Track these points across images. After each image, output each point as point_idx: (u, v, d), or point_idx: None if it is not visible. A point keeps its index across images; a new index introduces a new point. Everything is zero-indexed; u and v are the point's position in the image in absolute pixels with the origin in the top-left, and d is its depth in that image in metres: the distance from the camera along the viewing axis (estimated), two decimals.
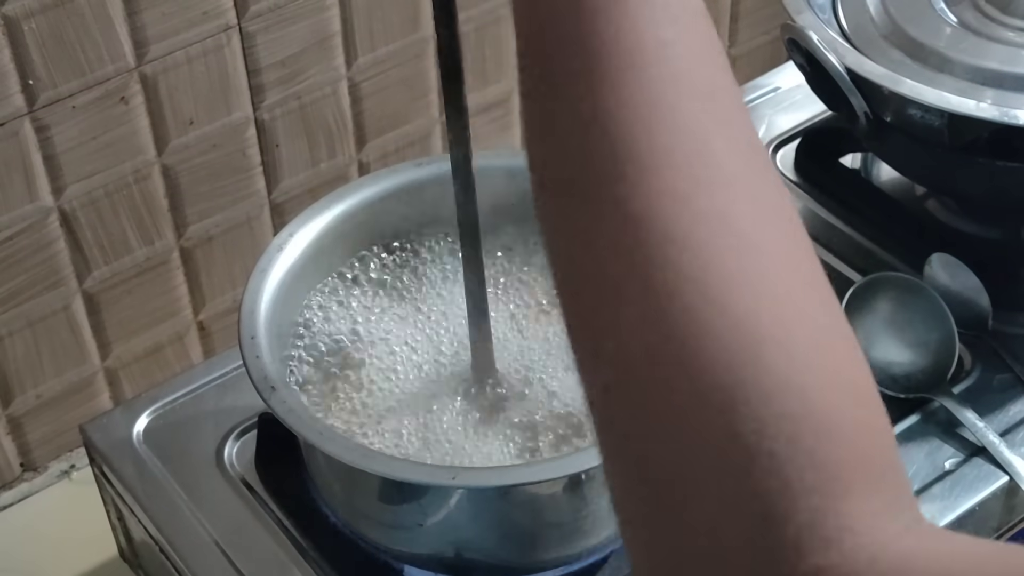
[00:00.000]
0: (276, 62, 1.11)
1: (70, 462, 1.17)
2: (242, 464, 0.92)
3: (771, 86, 1.20)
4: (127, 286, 1.13)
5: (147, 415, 0.95)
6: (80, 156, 1.04)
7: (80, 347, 1.13)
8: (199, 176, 1.11)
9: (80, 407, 1.15)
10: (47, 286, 1.08)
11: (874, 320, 0.95)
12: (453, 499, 0.78)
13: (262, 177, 1.15)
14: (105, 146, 1.05)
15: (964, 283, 0.97)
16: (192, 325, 1.18)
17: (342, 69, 1.15)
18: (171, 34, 1.04)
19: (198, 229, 1.14)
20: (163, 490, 0.91)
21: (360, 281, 0.91)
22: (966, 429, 0.91)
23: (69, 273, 1.09)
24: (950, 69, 0.96)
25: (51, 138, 1.02)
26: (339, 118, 1.17)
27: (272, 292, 0.84)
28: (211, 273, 1.17)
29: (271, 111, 1.12)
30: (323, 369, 0.86)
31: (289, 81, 1.12)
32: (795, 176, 1.12)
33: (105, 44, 1.01)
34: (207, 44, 1.06)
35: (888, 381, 0.93)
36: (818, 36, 0.96)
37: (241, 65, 1.09)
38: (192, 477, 0.92)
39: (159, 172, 1.09)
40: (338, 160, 1.19)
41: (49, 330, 1.10)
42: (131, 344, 1.15)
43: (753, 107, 1.18)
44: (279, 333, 0.84)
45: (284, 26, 1.09)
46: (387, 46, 1.16)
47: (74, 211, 1.06)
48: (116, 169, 1.07)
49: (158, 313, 1.16)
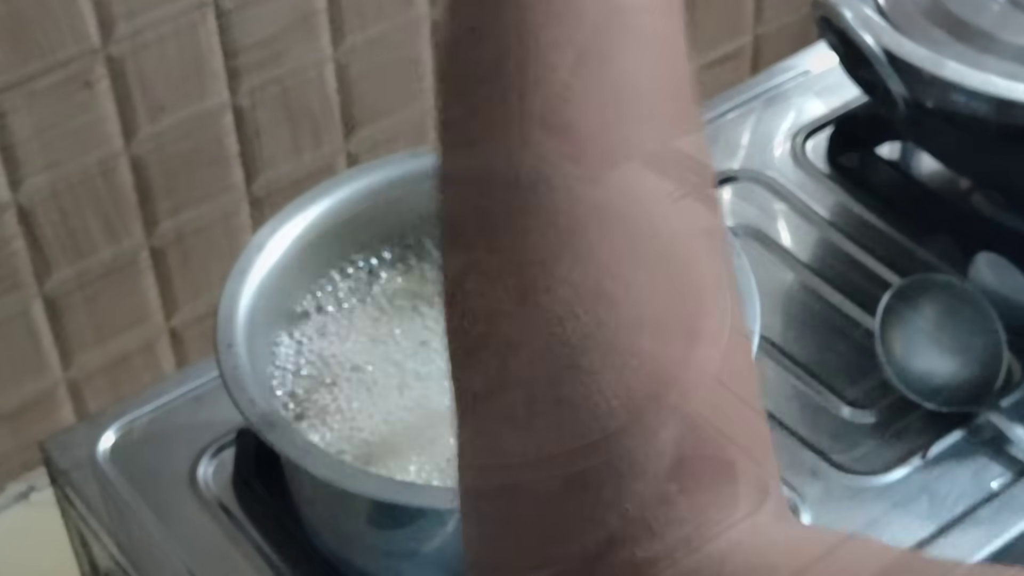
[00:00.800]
0: (255, 42, 1.11)
1: (29, 483, 1.17)
2: (218, 485, 0.92)
3: (800, 69, 1.20)
4: (91, 289, 1.13)
5: (114, 431, 0.96)
6: (40, 146, 1.04)
7: (39, 356, 1.13)
8: (171, 168, 1.12)
9: (40, 422, 1.15)
10: (3, 289, 1.08)
11: (914, 327, 0.95)
12: (451, 524, 0.79)
13: (240, 169, 1.15)
14: (67, 135, 1.05)
15: (1013, 285, 0.97)
16: (163, 332, 1.19)
17: (328, 50, 1.15)
18: (140, 11, 1.04)
19: (170, 226, 1.14)
20: (131, 513, 0.91)
21: (350, 283, 0.91)
22: (1015, 446, 0.91)
23: (27, 274, 1.09)
24: (997, 50, 0.96)
25: (8, 126, 1.02)
26: (325, 104, 1.17)
27: (251, 296, 0.84)
28: (184, 275, 1.17)
29: (250, 96, 1.13)
30: (308, 381, 0.86)
31: (269, 63, 1.12)
32: (827, 168, 1.12)
33: (67, 22, 1.01)
34: (180, 23, 1.06)
35: (929, 393, 0.93)
36: (852, 13, 0.96)
37: (217, 46, 1.09)
38: (163, 499, 0.92)
39: (127, 163, 1.09)
40: (324, 150, 1.20)
41: (5, 337, 1.10)
42: (96, 353, 1.16)
43: (781, 92, 1.18)
44: (260, 341, 0.84)
45: (264, 3, 1.10)
46: (378, 25, 1.16)
47: (33, 206, 1.06)
48: (79, 160, 1.07)
49: (126, 318, 1.16)
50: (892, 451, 0.93)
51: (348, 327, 0.89)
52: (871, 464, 0.92)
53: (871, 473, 0.92)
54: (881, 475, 0.92)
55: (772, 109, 1.17)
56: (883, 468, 0.92)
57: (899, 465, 0.92)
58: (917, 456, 0.93)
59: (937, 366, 0.95)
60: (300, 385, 0.86)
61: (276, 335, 0.88)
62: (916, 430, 0.93)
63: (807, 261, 1.05)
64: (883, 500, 0.90)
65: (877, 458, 0.93)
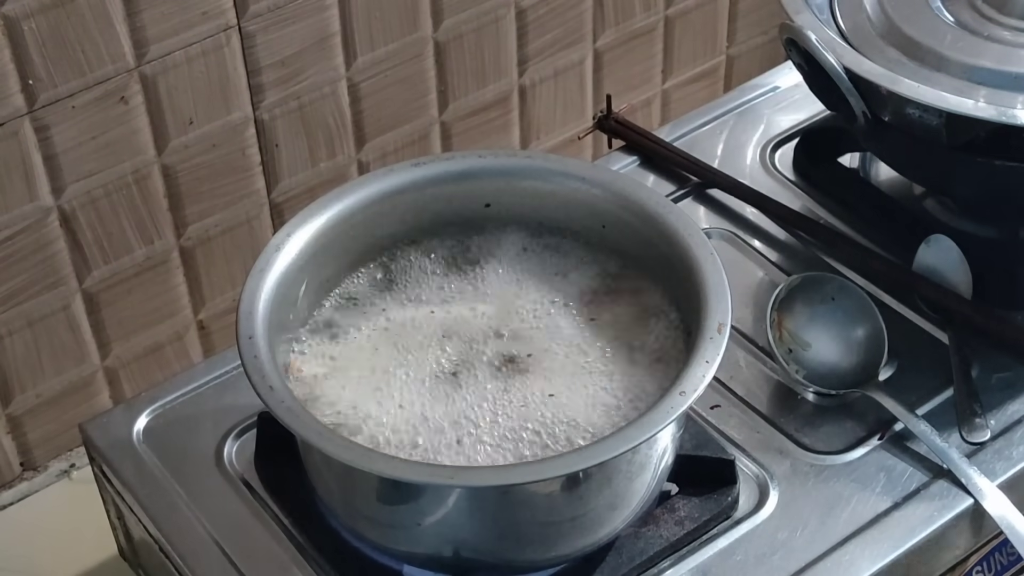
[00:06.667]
0: (276, 62, 1.11)
1: (70, 461, 1.17)
2: (241, 463, 0.92)
3: (769, 86, 1.20)
4: (127, 285, 1.12)
5: (147, 414, 0.95)
6: (80, 156, 1.04)
7: (80, 346, 1.12)
8: (199, 176, 1.11)
9: (80, 406, 1.15)
10: (47, 285, 1.08)
11: (804, 318, 0.95)
12: (451, 498, 0.78)
13: (262, 177, 1.15)
14: (105, 146, 1.05)
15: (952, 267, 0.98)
16: (192, 324, 1.18)
17: (341, 69, 1.15)
18: (171, 34, 1.04)
19: (198, 229, 1.14)
20: (163, 489, 0.91)
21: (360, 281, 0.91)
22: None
23: (69, 273, 1.09)
24: (947, 68, 0.96)
25: (51, 138, 1.02)
26: (339, 118, 1.17)
27: (270, 292, 0.83)
28: (211, 272, 1.17)
29: (271, 111, 1.12)
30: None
31: (289, 81, 1.12)
32: (793, 175, 1.11)
33: (105, 44, 1.01)
34: (207, 44, 1.06)
35: (817, 378, 0.94)
36: (816, 36, 0.96)
37: (241, 65, 1.09)
38: (192, 476, 0.91)
39: (159, 172, 1.09)
40: (338, 160, 1.19)
41: (49, 329, 1.10)
42: (131, 343, 1.15)
43: (752, 107, 1.18)
44: (277, 333, 0.83)
45: (284, 26, 1.09)
46: (386, 46, 1.16)
47: (74, 211, 1.06)
48: (116, 169, 1.07)
49: (158, 312, 1.16)
50: (853, 432, 0.93)
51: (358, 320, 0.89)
52: (834, 444, 0.92)
53: (834, 452, 0.92)
54: (843, 454, 0.92)
55: (743, 122, 1.17)
56: (845, 448, 0.92)
57: (859, 445, 0.92)
58: (875, 437, 0.93)
59: (825, 353, 0.95)
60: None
61: (293, 328, 0.87)
62: (875, 413, 0.93)
63: (775, 260, 1.05)
64: (845, 477, 0.90)
65: (839, 439, 0.93)
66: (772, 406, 0.94)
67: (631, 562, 0.85)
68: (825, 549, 0.86)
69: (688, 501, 0.87)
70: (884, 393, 0.92)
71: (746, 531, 0.87)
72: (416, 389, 0.84)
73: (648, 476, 0.83)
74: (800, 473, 0.90)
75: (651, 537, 0.86)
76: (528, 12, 1.21)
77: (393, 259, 0.92)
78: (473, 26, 1.20)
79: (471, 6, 1.18)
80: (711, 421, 0.93)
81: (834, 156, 1.12)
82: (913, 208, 1.08)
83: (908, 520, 0.88)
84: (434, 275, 0.91)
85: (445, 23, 1.18)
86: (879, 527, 0.87)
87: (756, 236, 1.07)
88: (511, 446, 0.81)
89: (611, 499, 0.81)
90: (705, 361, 0.79)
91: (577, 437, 0.81)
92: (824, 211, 1.08)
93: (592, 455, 0.76)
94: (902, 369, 0.96)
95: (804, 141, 1.13)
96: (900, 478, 0.90)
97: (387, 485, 0.79)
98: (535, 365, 0.85)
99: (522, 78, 1.27)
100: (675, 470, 0.86)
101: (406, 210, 0.91)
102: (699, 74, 1.42)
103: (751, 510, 0.88)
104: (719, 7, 1.39)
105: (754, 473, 0.90)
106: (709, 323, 0.81)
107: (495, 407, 0.83)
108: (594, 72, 1.32)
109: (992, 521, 0.88)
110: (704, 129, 1.16)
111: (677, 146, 1.13)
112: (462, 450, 0.81)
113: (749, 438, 0.92)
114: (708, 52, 1.41)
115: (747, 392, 0.95)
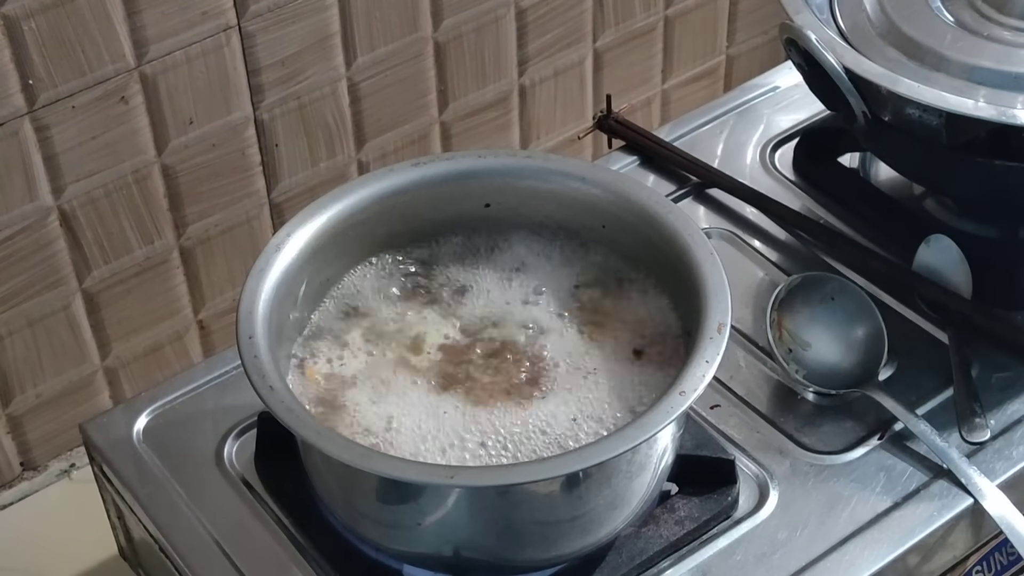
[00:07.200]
0: (276, 62, 1.10)
1: (70, 461, 1.16)
2: (241, 463, 0.92)
3: (769, 85, 1.20)
4: (127, 285, 1.12)
5: (147, 414, 0.95)
6: (80, 156, 1.04)
7: (80, 346, 1.12)
8: (199, 176, 1.11)
9: (80, 406, 1.14)
10: (47, 285, 1.08)
11: (804, 318, 0.95)
12: (451, 498, 0.78)
13: (262, 177, 1.15)
14: (105, 146, 1.05)
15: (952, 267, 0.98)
16: (192, 324, 1.18)
17: (341, 69, 1.14)
18: (171, 34, 1.03)
19: (198, 229, 1.13)
20: (163, 489, 0.90)
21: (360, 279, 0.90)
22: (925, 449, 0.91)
23: (69, 272, 1.08)
24: (947, 68, 0.96)
25: (51, 138, 1.02)
26: (338, 118, 1.17)
27: (270, 292, 0.83)
28: (211, 272, 1.16)
29: (271, 111, 1.12)
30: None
31: (289, 81, 1.12)
32: (793, 175, 1.11)
33: (105, 44, 1.01)
34: (207, 44, 1.06)
35: (816, 377, 0.94)
36: (816, 36, 0.95)
37: (241, 65, 1.08)
38: (192, 476, 0.91)
39: (159, 172, 1.09)
40: (338, 160, 1.19)
41: (49, 329, 1.09)
42: (131, 343, 1.15)
43: (752, 107, 1.18)
44: (277, 332, 0.83)
45: (284, 26, 1.09)
46: (386, 46, 1.16)
47: (74, 210, 1.06)
48: (116, 169, 1.06)
49: (158, 312, 1.15)
50: (853, 432, 0.92)
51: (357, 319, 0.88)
52: (834, 444, 0.92)
53: (834, 452, 0.91)
54: (843, 454, 0.91)
55: (744, 122, 1.16)
56: (844, 447, 0.92)
57: (859, 445, 0.92)
58: (875, 437, 0.92)
59: (825, 353, 0.94)
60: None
61: (292, 328, 0.87)
62: (875, 413, 0.92)
63: (775, 260, 1.04)
64: (845, 477, 0.90)
65: (839, 439, 0.92)
66: (772, 406, 0.94)
67: (631, 562, 0.85)
68: (825, 549, 0.86)
69: (688, 501, 0.87)
70: (884, 393, 0.92)
71: (746, 531, 0.87)
72: (417, 392, 0.84)
73: (648, 476, 0.82)
74: (800, 473, 0.90)
75: (651, 537, 0.85)
76: (528, 12, 1.21)
77: (393, 259, 0.92)
78: (473, 26, 1.19)
79: (471, 6, 1.18)
80: (711, 421, 0.93)
81: (834, 156, 1.12)
82: (913, 208, 1.08)
83: (908, 520, 0.87)
84: (434, 275, 0.91)
85: (445, 23, 1.18)
86: (879, 527, 0.87)
87: (756, 236, 1.06)
88: (511, 447, 0.81)
89: (611, 499, 0.81)
90: (705, 361, 0.78)
91: (578, 436, 0.81)
92: (824, 211, 1.08)
93: (592, 455, 0.76)
94: (902, 369, 0.95)
95: (804, 141, 1.13)
96: (900, 478, 0.90)
97: (387, 485, 0.79)
98: (535, 365, 0.85)
99: (522, 78, 1.26)
100: (675, 470, 0.86)
101: (406, 210, 0.91)
102: (699, 74, 1.42)
103: (751, 510, 0.88)
104: (719, 7, 1.38)
105: (754, 473, 0.90)
106: (709, 323, 0.80)
107: (496, 407, 0.82)
108: (594, 72, 1.32)
109: (992, 521, 0.87)
110: (704, 129, 1.16)
111: (677, 146, 1.13)
112: (465, 454, 0.80)
113: (749, 438, 0.92)
114: (708, 52, 1.41)
115: (747, 392, 0.95)
